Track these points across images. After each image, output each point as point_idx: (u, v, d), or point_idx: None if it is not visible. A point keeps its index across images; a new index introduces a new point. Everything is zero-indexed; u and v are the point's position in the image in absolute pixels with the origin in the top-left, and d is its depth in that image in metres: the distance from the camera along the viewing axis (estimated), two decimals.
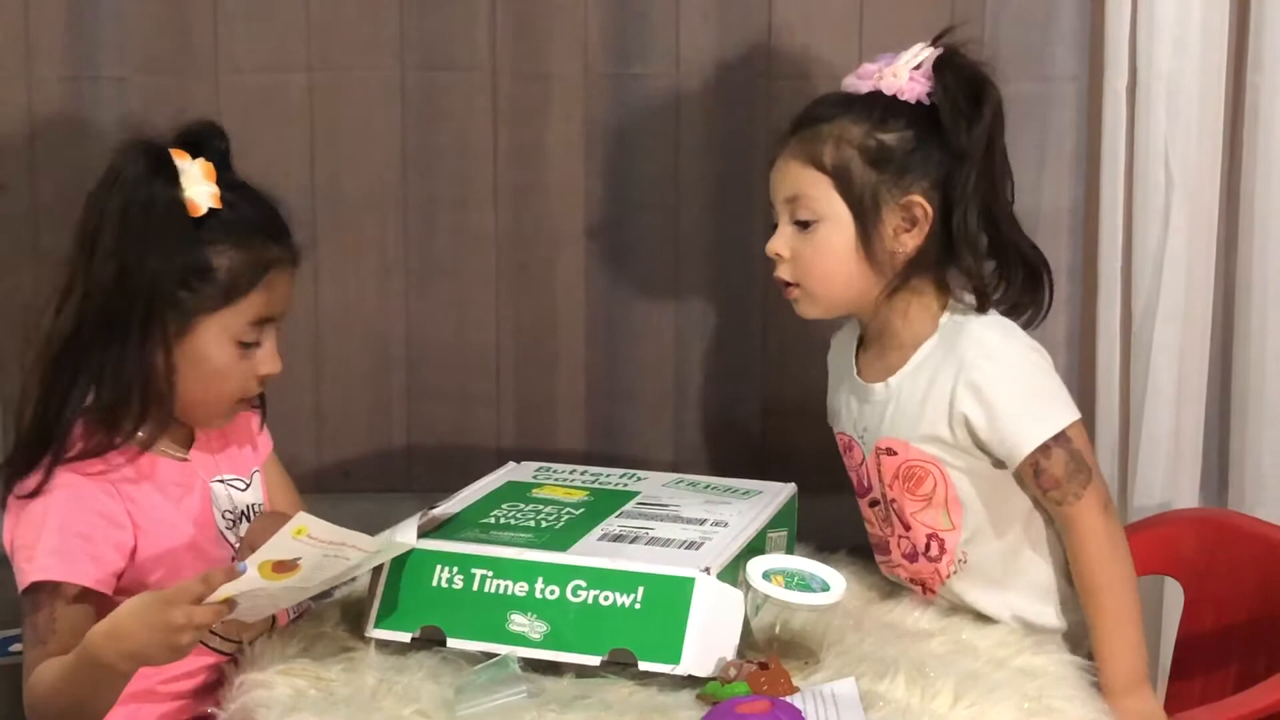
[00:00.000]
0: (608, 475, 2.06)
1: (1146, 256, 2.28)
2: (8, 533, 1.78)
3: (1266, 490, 2.30)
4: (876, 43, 2.28)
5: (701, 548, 1.78)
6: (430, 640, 1.75)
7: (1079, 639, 1.92)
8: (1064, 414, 1.86)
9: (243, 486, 1.91)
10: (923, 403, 1.88)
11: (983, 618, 1.92)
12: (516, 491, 1.99)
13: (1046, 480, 1.85)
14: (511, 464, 2.12)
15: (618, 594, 1.72)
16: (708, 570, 1.72)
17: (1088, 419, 2.34)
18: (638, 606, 1.71)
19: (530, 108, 2.35)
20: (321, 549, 1.63)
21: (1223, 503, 2.35)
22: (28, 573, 1.74)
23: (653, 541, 1.80)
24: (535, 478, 2.05)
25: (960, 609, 1.94)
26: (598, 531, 1.83)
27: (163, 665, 1.68)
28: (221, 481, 1.89)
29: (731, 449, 2.39)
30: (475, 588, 1.75)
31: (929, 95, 1.88)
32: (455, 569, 1.76)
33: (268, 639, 1.80)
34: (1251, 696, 1.85)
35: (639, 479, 2.05)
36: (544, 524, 1.86)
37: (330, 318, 2.37)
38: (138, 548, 1.77)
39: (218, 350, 1.78)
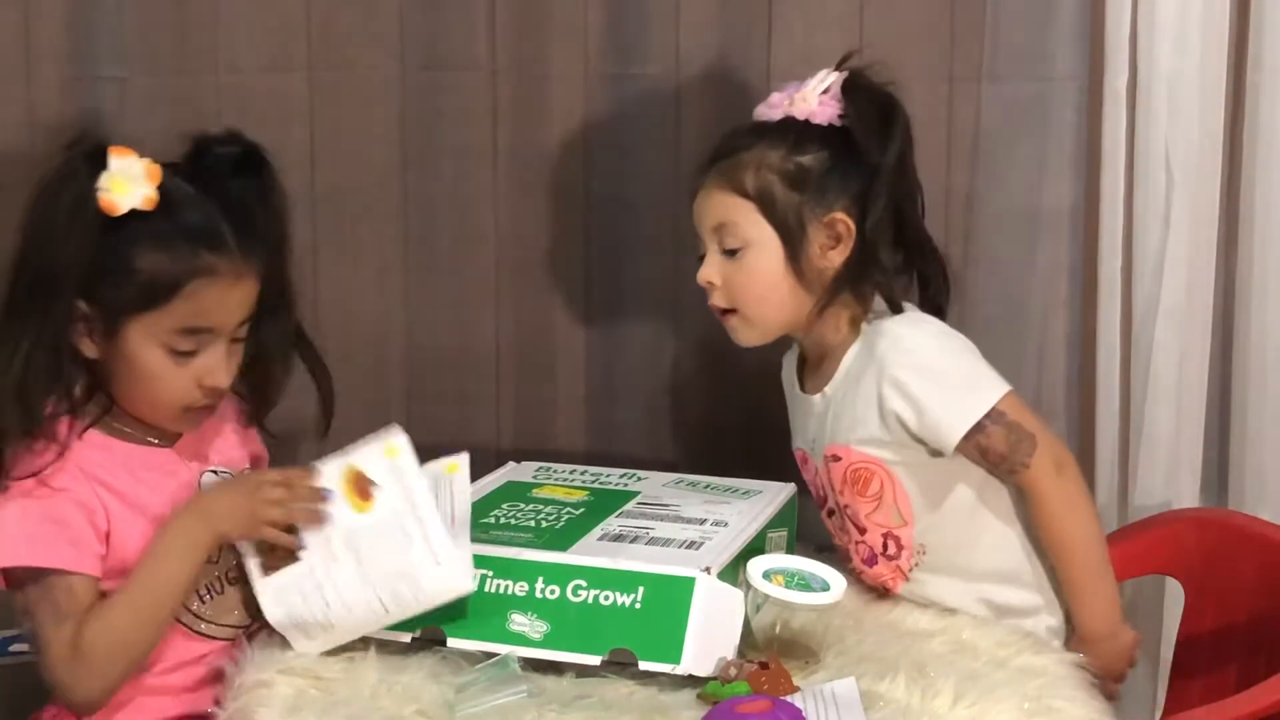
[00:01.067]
0: (608, 475, 2.07)
1: (1147, 256, 2.28)
2: None
3: (1266, 490, 2.30)
4: (876, 43, 2.28)
5: (702, 547, 1.78)
6: (431, 640, 1.75)
7: (1045, 608, 1.97)
8: (989, 392, 1.90)
9: None
10: (854, 407, 1.92)
11: (981, 616, 1.92)
12: (517, 491, 1.99)
13: (993, 456, 1.91)
14: (511, 464, 2.12)
15: (618, 594, 1.72)
16: (708, 570, 1.72)
17: (1088, 419, 2.34)
18: (638, 606, 1.71)
19: (530, 108, 2.35)
20: (396, 499, 1.72)
21: (1223, 503, 2.35)
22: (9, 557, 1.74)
23: (653, 541, 1.80)
24: (535, 478, 2.06)
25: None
26: (598, 531, 1.84)
27: (235, 538, 1.79)
28: (214, 473, 1.88)
29: (731, 449, 2.39)
30: (476, 588, 1.75)
31: (840, 118, 1.94)
32: None
33: (269, 637, 1.80)
34: (1252, 696, 1.85)
35: (639, 479, 2.05)
36: (544, 524, 1.86)
37: (330, 318, 2.37)
38: (111, 531, 1.77)
39: (145, 354, 1.78)
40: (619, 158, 2.36)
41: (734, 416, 2.38)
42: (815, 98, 1.95)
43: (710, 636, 1.71)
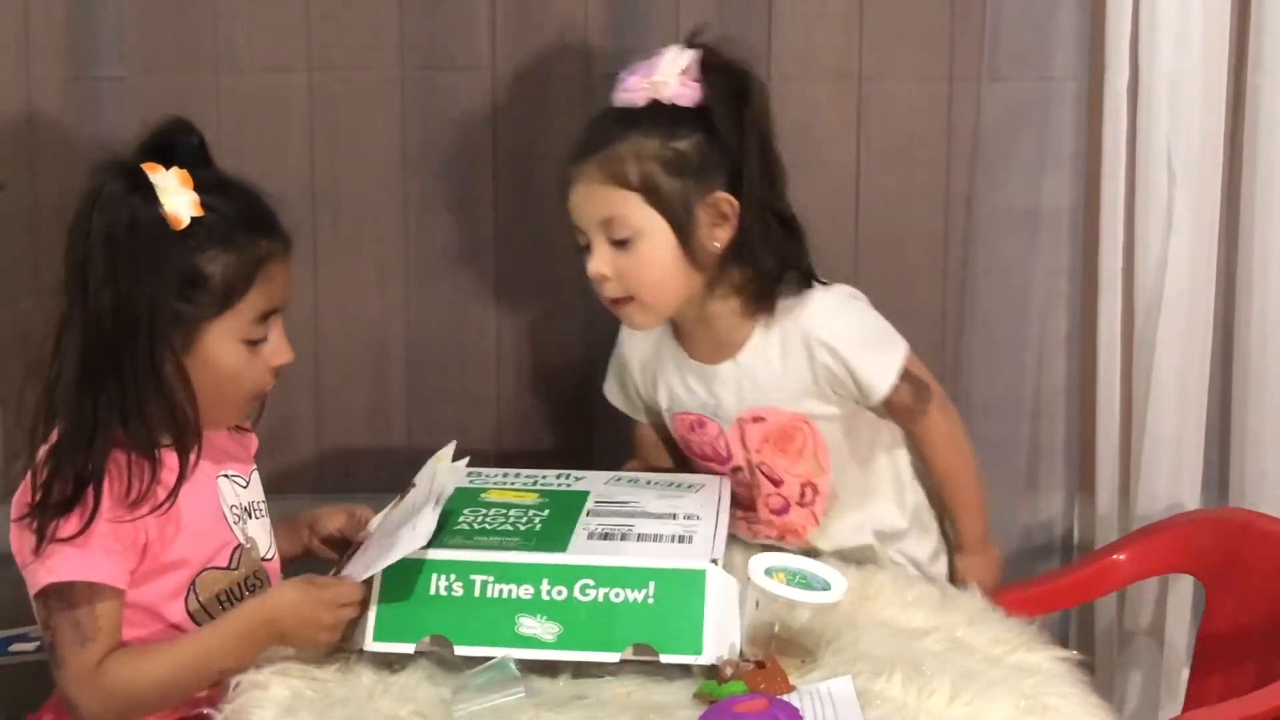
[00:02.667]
0: (544, 476, 2.03)
1: (1148, 256, 2.28)
2: (15, 539, 1.76)
3: (1267, 490, 2.30)
4: (876, 42, 2.29)
5: (693, 540, 1.80)
6: (438, 650, 1.73)
7: (914, 533, 2.11)
8: (899, 350, 2.01)
9: (244, 484, 1.91)
10: (782, 371, 2.00)
11: (978, 614, 1.92)
12: (468, 497, 1.94)
13: (898, 410, 2.04)
14: (435, 461, 2.05)
15: (629, 590, 1.72)
16: (715, 561, 1.75)
17: (1088, 419, 2.35)
18: (651, 601, 1.71)
19: (530, 108, 2.34)
20: (419, 493, 1.81)
21: (1223, 502, 2.35)
22: (52, 572, 1.72)
23: (643, 538, 1.81)
24: (474, 483, 2.00)
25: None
26: (583, 531, 1.83)
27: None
28: (226, 477, 1.88)
29: None
30: (477, 594, 1.74)
31: (704, 98, 1.94)
32: (453, 576, 1.74)
33: None
34: (1268, 694, 1.86)
35: (578, 479, 2.02)
36: (521, 527, 1.84)
37: (330, 318, 2.37)
38: (149, 543, 1.77)
39: (226, 353, 1.78)
40: None
41: None
42: (674, 78, 1.95)
43: (722, 626, 1.72)
